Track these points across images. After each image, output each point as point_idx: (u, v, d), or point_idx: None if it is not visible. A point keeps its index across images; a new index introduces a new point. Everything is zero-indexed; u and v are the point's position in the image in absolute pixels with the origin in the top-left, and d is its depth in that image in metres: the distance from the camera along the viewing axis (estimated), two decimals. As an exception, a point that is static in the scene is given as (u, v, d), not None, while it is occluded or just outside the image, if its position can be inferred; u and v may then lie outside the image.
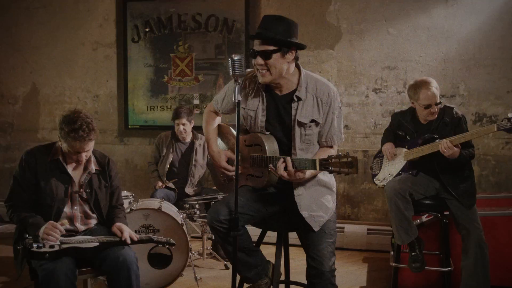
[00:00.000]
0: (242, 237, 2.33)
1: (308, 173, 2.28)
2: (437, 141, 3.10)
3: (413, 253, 3.20)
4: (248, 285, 2.60)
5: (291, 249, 2.79)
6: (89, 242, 2.50)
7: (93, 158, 2.75)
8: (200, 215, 3.97)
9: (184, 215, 3.92)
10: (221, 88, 5.21)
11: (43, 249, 2.34)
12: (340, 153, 2.05)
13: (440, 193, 3.23)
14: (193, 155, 4.52)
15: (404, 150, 3.31)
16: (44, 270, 2.34)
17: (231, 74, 2.15)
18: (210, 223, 2.33)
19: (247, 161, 2.45)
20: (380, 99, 4.79)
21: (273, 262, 2.55)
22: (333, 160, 2.03)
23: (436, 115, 3.19)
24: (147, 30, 5.37)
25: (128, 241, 2.57)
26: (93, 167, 2.73)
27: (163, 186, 4.40)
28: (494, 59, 4.47)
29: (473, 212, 3.12)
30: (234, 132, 2.62)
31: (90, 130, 2.51)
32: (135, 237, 2.62)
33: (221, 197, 4.04)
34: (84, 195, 2.70)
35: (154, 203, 3.70)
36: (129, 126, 5.50)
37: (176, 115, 4.46)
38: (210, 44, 5.24)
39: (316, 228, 2.32)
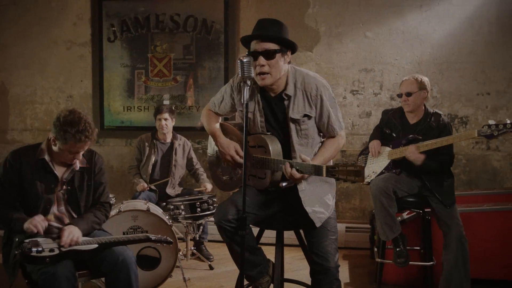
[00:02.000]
0: (247, 236, 2.36)
1: None
2: (419, 143, 3.25)
3: (397, 249, 3.33)
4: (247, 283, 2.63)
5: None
6: (88, 244, 2.47)
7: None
8: (185, 216, 3.96)
9: (168, 216, 3.90)
10: (192, 89, 5.28)
11: (43, 253, 2.29)
12: (346, 161, 2.13)
13: (422, 191, 3.37)
14: (173, 155, 4.51)
15: (388, 149, 3.43)
16: (44, 273, 2.29)
17: (240, 75, 2.17)
18: (219, 223, 2.35)
19: (250, 161, 2.48)
20: (357, 100, 4.92)
21: (273, 261, 2.60)
22: (340, 168, 2.10)
23: (414, 108, 3.35)
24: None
25: (66, 245, 2.41)
26: (77, 164, 2.65)
27: (148, 188, 4.35)
28: (465, 63, 4.69)
29: (454, 209, 3.27)
30: (236, 132, 2.66)
31: (93, 130, 2.52)
32: (70, 244, 2.42)
33: (206, 197, 4.05)
34: (65, 194, 2.63)
35: (140, 204, 3.67)
36: (105, 126, 5.41)
37: (158, 111, 4.52)
38: (190, 45, 5.23)
39: (317, 224, 2.38)
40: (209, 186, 4.44)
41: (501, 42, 4.62)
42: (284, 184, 2.33)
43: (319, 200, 2.42)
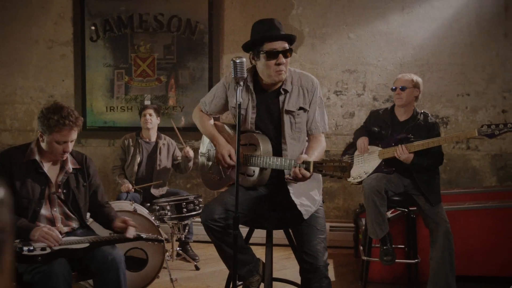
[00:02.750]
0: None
1: None
2: (412, 143, 3.32)
3: (384, 247, 3.38)
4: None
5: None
6: (79, 243, 2.45)
7: (69, 157, 2.69)
8: (171, 216, 3.94)
9: (154, 217, 3.88)
10: (173, 89, 5.26)
11: (34, 252, 2.26)
12: (334, 157, 2.17)
13: (408, 190, 3.43)
14: (157, 155, 4.50)
15: (378, 148, 3.48)
16: (40, 272, 2.27)
17: (233, 76, 2.19)
18: (205, 222, 2.35)
19: (240, 159, 2.49)
20: (340, 101, 4.98)
21: (263, 260, 2.62)
22: (327, 163, 2.14)
23: (405, 103, 3.44)
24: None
25: (131, 235, 2.58)
26: (70, 166, 2.65)
27: (133, 190, 4.32)
28: (445, 64, 4.80)
29: (440, 206, 3.35)
30: (228, 130, 2.67)
31: (76, 117, 2.53)
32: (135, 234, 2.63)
33: (192, 197, 4.04)
34: (62, 196, 2.63)
35: (127, 205, 3.64)
36: (87, 127, 5.34)
37: (143, 107, 4.58)
38: (171, 45, 5.21)
39: (305, 216, 2.41)
40: (191, 152, 4.38)
41: (480, 44, 4.74)
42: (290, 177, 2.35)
43: (305, 194, 2.45)
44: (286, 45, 2.40)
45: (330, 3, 4.93)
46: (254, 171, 2.46)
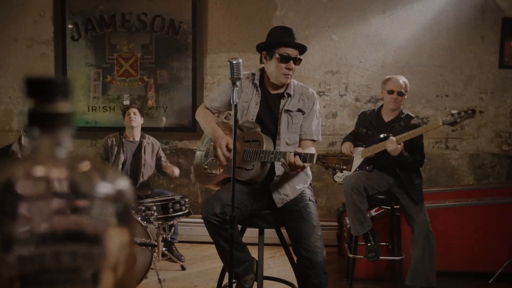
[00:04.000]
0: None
1: None
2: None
3: (368, 244, 3.46)
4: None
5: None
6: None
7: None
8: (158, 216, 3.93)
9: (140, 217, 3.86)
10: (153, 89, 5.24)
11: None
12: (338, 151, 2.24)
13: (392, 188, 3.52)
14: (142, 154, 4.48)
15: (361, 149, 3.57)
16: None
17: (229, 77, 2.23)
18: (205, 217, 2.39)
19: (240, 155, 2.55)
20: (323, 101, 5.05)
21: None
22: (330, 156, 2.20)
23: (398, 107, 3.54)
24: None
25: None
26: None
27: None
28: (425, 66, 4.92)
29: (422, 205, 3.45)
30: (231, 126, 2.72)
31: None
32: None
33: (178, 197, 4.04)
34: None
35: (113, 206, 3.62)
36: (68, 127, 5.26)
37: (126, 107, 4.64)
38: (148, 44, 5.18)
39: (278, 205, 2.56)
40: (176, 171, 4.44)
41: (458, 46, 4.88)
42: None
43: (289, 185, 2.58)
44: (298, 54, 2.55)
45: (312, 5, 4.99)
46: (253, 165, 2.51)
